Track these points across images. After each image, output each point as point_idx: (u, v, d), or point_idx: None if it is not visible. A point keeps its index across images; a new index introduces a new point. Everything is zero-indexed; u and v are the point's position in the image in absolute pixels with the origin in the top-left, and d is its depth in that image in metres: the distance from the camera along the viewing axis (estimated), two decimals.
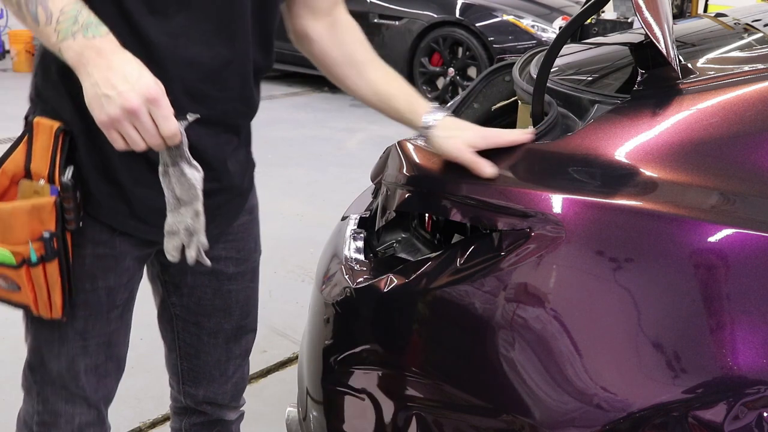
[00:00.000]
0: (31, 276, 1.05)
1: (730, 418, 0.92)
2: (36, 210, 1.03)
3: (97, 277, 1.13)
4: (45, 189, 1.04)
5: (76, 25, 0.91)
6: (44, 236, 1.03)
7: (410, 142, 1.23)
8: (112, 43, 0.92)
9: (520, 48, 5.68)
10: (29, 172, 1.05)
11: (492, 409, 1.03)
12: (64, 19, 0.91)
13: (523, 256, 1.01)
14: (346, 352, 1.21)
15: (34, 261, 1.04)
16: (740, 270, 0.95)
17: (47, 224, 1.03)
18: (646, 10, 1.10)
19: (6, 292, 1.09)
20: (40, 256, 1.04)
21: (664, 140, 1.07)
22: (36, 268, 1.04)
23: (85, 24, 0.91)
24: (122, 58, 0.92)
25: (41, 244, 1.03)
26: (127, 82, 0.89)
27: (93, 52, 0.91)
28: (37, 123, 1.04)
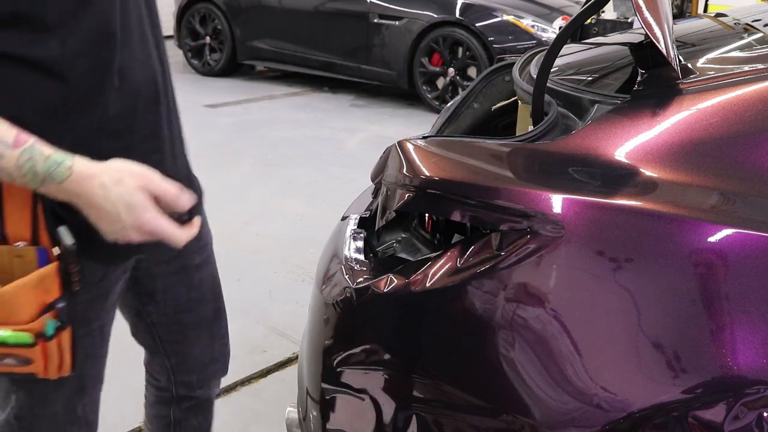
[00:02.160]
0: (47, 348, 0.99)
1: (730, 418, 0.92)
2: (41, 281, 0.96)
3: (90, 320, 1.11)
4: (29, 251, 0.96)
5: (38, 176, 0.87)
6: (58, 306, 0.98)
7: (410, 142, 1.23)
8: (81, 180, 0.89)
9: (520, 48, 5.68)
10: (3, 237, 0.96)
11: (492, 409, 1.03)
12: (25, 173, 0.87)
13: (523, 256, 1.01)
14: (346, 352, 1.21)
15: (51, 335, 0.98)
16: (740, 270, 0.95)
17: (53, 292, 0.97)
18: (646, 10, 1.10)
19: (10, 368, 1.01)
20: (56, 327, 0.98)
21: (664, 140, 1.07)
22: (51, 341, 0.98)
23: (45, 172, 0.87)
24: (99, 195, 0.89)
25: (55, 313, 0.97)
26: (116, 222, 0.90)
27: (71, 195, 0.90)
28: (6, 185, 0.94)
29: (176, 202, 0.93)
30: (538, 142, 1.14)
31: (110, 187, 0.90)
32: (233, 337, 2.56)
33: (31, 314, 0.96)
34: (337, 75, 6.81)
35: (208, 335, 1.39)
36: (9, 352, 0.98)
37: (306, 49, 6.84)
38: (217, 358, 1.44)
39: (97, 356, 1.17)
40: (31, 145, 0.87)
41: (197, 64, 7.58)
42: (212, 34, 7.47)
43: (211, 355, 1.42)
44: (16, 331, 0.96)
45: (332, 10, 6.63)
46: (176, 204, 0.94)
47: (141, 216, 0.90)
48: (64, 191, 0.89)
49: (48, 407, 1.15)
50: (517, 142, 1.16)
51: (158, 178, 0.93)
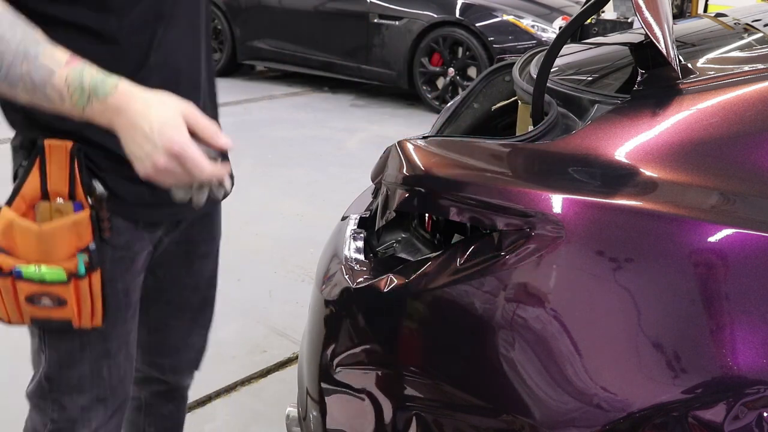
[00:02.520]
0: (79, 288, 1.08)
1: (730, 418, 0.92)
2: (76, 225, 1.05)
3: (115, 280, 1.15)
4: (67, 206, 1.06)
5: (85, 93, 0.92)
6: (90, 248, 1.07)
7: (410, 142, 1.23)
8: (126, 95, 0.92)
9: (520, 48, 5.68)
10: (46, 194, 1.06)
11: (492, 409, 1.03)
12: (73, 90, 0.92)
13: (523, 256, 1.01)
14: (346, 352, 1.21)
15: (83, 273, 1.07)
16: (740, 270, 0.95)
17: (85, 237, 1.06)
18: (646, 10, 1.10)
19: (47, 311, 1.10)
20: (87, 267, 1.07)
21: (664, 140, 1.07)
22: (83, 280, 1.07)
23: (92, 87, 0.92)
24: (140, 110, 0.92)
25: (87, 254, 1.07)
26: (148, 141, 0.91)
27: (112, 113, 0.92)
28: (48, 145, 1.05)
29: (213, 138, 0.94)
30: (538, 142, 1.14)
31: (152, 105, 0.92)
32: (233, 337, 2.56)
33: (66, 254, 1.06)
34: (337, 75, 6.81)
35: (189, 322, 1.42)
36: (46, 290, 1.07)
37: (306, 49, 6.84)
38: (192, 346, 1.46)
39: (122, 319, 1.19)
40: (82, 66, 0.93)
41: None
42: (212, 34, 7.46)
43: (187, 341, 1.44)
44: (52, 267, 1.06)
45: (332, 10, 6.63)
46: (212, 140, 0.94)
47: (173, 135, 0.90)
48: (107, 108, 0.92)
49: (76, 368, 1.18)
50: (517, 142, 1.16)
51: (200, 114, 0.94)
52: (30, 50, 0.91)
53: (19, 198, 1.06)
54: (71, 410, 1.21)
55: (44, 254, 1.06)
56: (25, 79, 0.91)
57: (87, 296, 1.09)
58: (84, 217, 1.06)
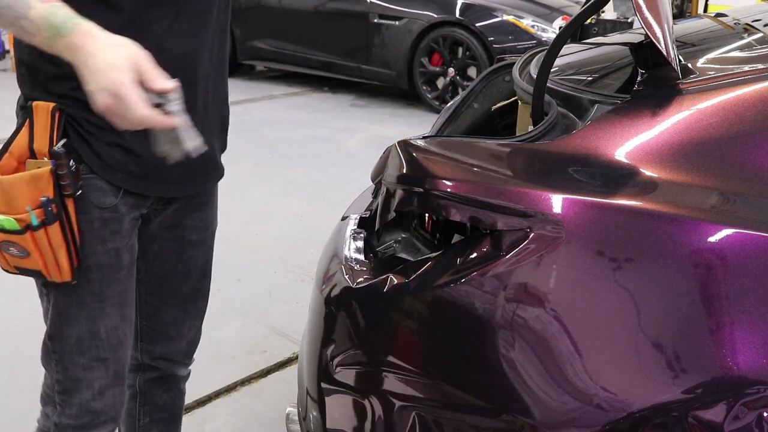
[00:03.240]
0: (36, 239, 1.13)
1: (730, 418, 0.92)
2: (34, 179, 1.10)
3: (106, 240, 1.20)
4: (46, 164, 1.12)
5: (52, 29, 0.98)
6: (42, 201, 1.11)
7: (410, 142, 1.23)
8: (84, 35, 0.98)
9: (520, 48, 5.67)
10: (33, 152, 1.13)
11: (492, 409, 1.03)
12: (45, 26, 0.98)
13: (523, 256, 1.01)
14: (346, 352, 1.21)
15: (36, 225, 1.11)
16: (740, 270, 0.95)
17: (45, 191, 1.11)
18: (646, 10, 1.10)
19: (18, 259, 1.17)
20: (41, 220, 1.11)
21: (664, 140, 1.07)
22: (38, 231, 1.12)
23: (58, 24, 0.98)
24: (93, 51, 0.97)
25: (41, 209, 1.11)
26: (94, 80, 0.96)
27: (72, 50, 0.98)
28: (35, 106, 1.12)
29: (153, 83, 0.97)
30: (538, 142, 1.14)
31: (105, 46, 0.97)
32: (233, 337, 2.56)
33: (25, 206, 1.11)
34: (337, 75, 6.81)
35: (180, 310, 1.44)
36: (9, 238, 1.14)
37: (306, 49, 6.84)
38: (184, 336, 1.48)
39: (114, 279, 1.23)
40: (59, 5, 0.99)
41: None
42: None
43: (178, 330, 1.46)
44: (8, 217, 1.12)
45: (332, 10, 6.63)
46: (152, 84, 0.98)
47: (116, 77, 0.95)
48: (69, 45, 0.97)
49: (74, 327, 1.23)
50: (517, 142, 1.16)
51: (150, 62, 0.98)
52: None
53: (8, 155, 1.13)
54: (73, 370, 1.25)
55: (6, 204, 1.12)
56: (7, 12, 0.98)
57: (46, 248, 1.14)
58: (43, 172, 1.10)
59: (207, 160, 1.27)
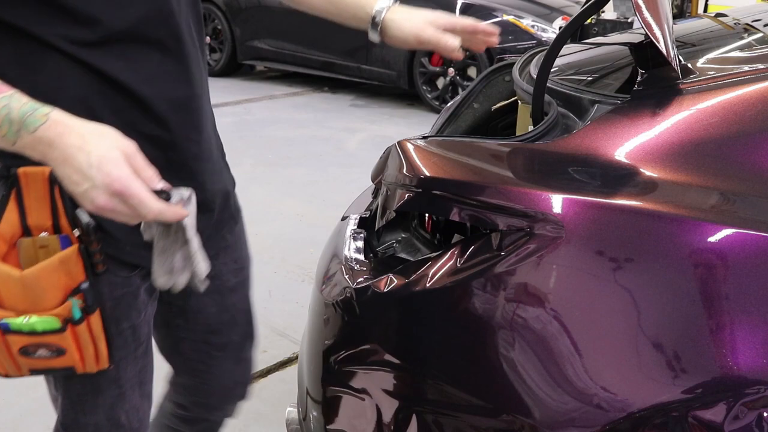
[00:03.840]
0: (77, 334, 0.98)
1: (730, 418, 0.92)
2: (63, 264, 0.94)
3: (120, 320, 1.08)
4: (53, 240, 0.96)
5: (14, 125, 0.82)
6: (83, 287, 0.96)
7: (410, 142, 1.23)
8: (59, 126, 0.83)
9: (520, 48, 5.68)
10: (27, 229, 0.96)
11: (492, 409, 1.03)
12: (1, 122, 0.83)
13: (523, 256, 1.01)
14: (346, 352, 1.21)
15: (78, 318, 0.96)
16: (740, 270, 0.95)
17: (77, 275, 0.95)
18: (646, 10, 1.10)
19: (46, 361, 1.00)
20: (83, 309, 0.97)
21: (664, 140, 1.07)
22: (81, 325, 0.97)
23: (20, 119, 0.82)
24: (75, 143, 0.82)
25: (81, 296, 0.96)
26: (86, 178, 0.81)
27: (44, 146, 0.83)
28: (24, 174, 0.94)
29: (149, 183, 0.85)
30: (538, 142, 1.14)
31: (89, 137, 0.83)
32: None
33: (57, 299, 0.95)
34: (337, 75, 6.81)
35: (233, 359, 1.35)
36: (40, 341, 0.96)
37: (306, 49, 6.84)
38: (240, 382, 1.40)
39: (132, 358, 1.12)
40: (11, 94, 0.84)
41: None
42: (212, 34, 7.47)
43: (233, 379, 1.38)
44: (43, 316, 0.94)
45: None
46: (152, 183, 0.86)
47: (113, 171, 0.81)
48: (38, 141, 0.82)
49: (91, 415, 1.12)
50: (517, 142, 1.16)
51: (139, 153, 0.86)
52: None
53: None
54: None
55: (32, 302, 0.95)
56: None
57: (88, 341, 0.99)
58: (71, 252, 0.94)
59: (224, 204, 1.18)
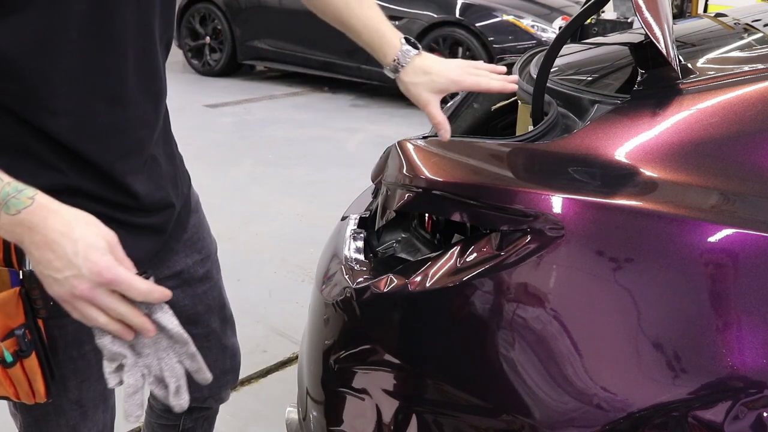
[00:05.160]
0: (9, 375, 0.95)
1: (730, 418, 0.92)
2: (1, 306, 0.91)
3: (83, 342, 1.05)
4: (2, 272, 0.92)
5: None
6: (16, 333, 0.92)
7: (410, 142, 1.23)
8: (43, 210, 0.80)
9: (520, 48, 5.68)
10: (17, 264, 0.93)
11: (492, 409, 1.03)
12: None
13: (523, 256, 1.01)
14: (346, 352, 1.21)
15: (10, 361, 0.93)
16: (740, 270, 0.95)
17: (15, 318, 0.91)
18: (646, 10, 1.10)
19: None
20: (14, 353, 0.93)
21: (664, 140, 1.07)
22: (13, 367, 0.94)
23: (2, 199, 0.79)
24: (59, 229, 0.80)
25: (14, 340, 0.92)
26: (70, 266, 0.79)
27: (24, 229, 0.80)
28: None
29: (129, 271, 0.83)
30: (538, 142, 1.14)
31: (74, 224, 0.81)
32: None
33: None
34: (337, 75, 6.81)
35: (218, 347, 1.35)
36: None
37: (306, 49, 6.84)
38: (229, 368, 1.40)
39: (95, 378, 1.08)
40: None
41: (197, 64, 7.58)
42: (212, 34, 7.47)
43: (222, 367, 1.37)
44: None
45: None
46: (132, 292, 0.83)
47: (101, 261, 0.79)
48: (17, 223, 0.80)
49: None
50: (517, 142, 1.16)
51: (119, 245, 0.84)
52: None
53: None
54: None
55: None
56: None
57: (21, 380, 0.95)
58: (11, 296, 0.90)
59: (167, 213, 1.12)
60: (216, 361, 1.36)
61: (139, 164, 1.04)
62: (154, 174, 1.08)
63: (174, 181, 1.16)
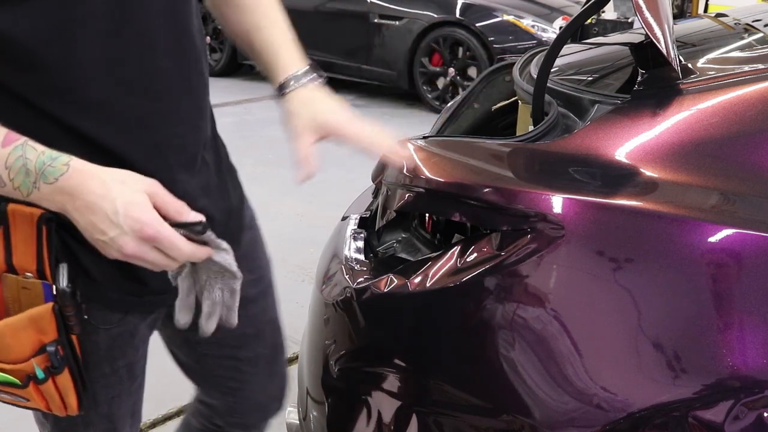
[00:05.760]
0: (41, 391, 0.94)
1: (731, 418, 0.92)
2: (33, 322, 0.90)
3: (115, 358, 1.03)
4: (35, 285, 0.91)
5: (30, 176, 0.79)
6: (48, 349, 0.90)
7: (410, 142, 1.23)
8: (80, 174, 0.80)
9: (521, 48, 5.68)
10: (12, 267, 0.91)
11: (492, 409, 1.03)
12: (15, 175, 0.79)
13: (523, 256, 1.01)
14: (346, 352, 1.21)
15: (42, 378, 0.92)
16: (740, 270, 0.95)
17: (48, 334, 0.90)
18: (646, 10, 1.10)
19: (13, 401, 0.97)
20: (45, 369, 0.92)
21: (664, 140, 1.07)
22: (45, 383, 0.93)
23: (38, 169, 0.79)
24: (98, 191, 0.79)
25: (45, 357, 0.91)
26: (113, 225, 0.79)
27: (65, 196, 0.80)
28: (12, 212, 0.88)
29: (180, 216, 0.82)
30: (538, 142, 1.14)
31: (111, 184, 0.80)
32: None
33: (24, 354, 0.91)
34: (337, 75, 6.81)
35: (265, 373, 1.28)
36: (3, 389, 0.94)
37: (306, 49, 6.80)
38: (276, 396, 1.33)
39: (126, 394, 1.08)
40: (23, 143, 0.81)
41: None
42: (212, 34, 7.47)
43: (269, 393, 1.31)
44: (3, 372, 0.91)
45: (332, 10, 6.63)
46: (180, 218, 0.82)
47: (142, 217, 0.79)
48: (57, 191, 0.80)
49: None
50: (517, 142, 1.16)
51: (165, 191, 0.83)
52: None
53: None
54: None
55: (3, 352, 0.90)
56: None
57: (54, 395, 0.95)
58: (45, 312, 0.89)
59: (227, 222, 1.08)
60: (262, 388, 1.30)
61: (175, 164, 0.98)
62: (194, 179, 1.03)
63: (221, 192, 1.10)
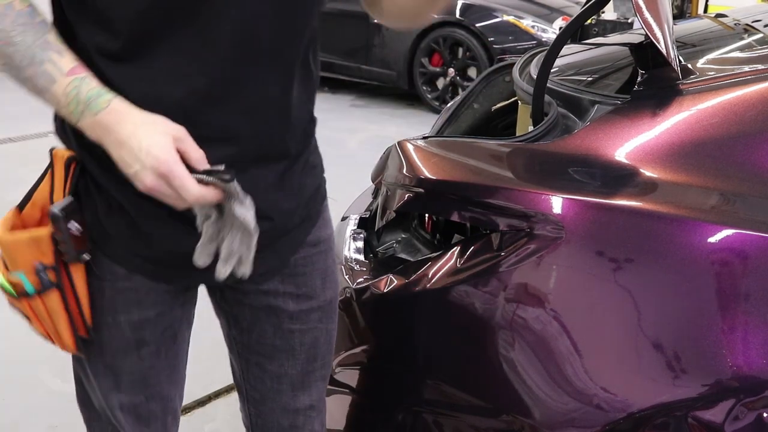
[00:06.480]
0: (32, 307, 1.02)
1: (731, 419, 0.92)
2: (35, 242, 0.99)
3: (117, 311, 1.06)
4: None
5: (80, 105, 0.91)
6: (37, 268, 0.99)
7: (410, 142, 1.23)
8: (117, 113, 0.91)
9: (521, 48, 5.67)
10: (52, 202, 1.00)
11: (492, 409, 1.03)
12: (70, 101, 0.91)
13: (523, 256, 1.01)
14: (346, 352, 1.21)
15: (31, 292, 1.00)
16: (740, 270, 0.95)
17: (46, 256, 0.99)
18: (646, 11, 1.11)
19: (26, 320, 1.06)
20: (34, 286, 1.00)
21: (664, 140, 1.07)
22: (34, 299, 1.01)
23: (86, 100, 0.90)
24: (129, 129, 0.90)
25: (35, 275, 0.99)
26: (137, 160, 0.89)
27: (102, 130, 0.91)
28: (54, 153, 1.01)
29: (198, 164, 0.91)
30: (538, 143, 1.14)
31: (140, 124, 0.90)
32: None
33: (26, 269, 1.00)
34: (337, 75, 6.81)
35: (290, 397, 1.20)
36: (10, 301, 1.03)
37: None
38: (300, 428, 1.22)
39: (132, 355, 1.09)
40: (83, 77, 0.91)
41: None
42: None
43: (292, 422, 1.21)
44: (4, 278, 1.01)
45: (332, 10, 6.62)
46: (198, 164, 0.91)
47: (160, 155, 0.88)
48: (96, 124, 0.91)
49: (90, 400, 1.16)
50: (517, 143, 1.16)
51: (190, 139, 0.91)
52: (37, 55, 0.91)
53: (31, 204, 1.02)
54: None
55: (10, 262, 1.01)
56: (30, 83, 0.92)
57: (45, 317, 1.02)
58: (43, 234, 0.98)
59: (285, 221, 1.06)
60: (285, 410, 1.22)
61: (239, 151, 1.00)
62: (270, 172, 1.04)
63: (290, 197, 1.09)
